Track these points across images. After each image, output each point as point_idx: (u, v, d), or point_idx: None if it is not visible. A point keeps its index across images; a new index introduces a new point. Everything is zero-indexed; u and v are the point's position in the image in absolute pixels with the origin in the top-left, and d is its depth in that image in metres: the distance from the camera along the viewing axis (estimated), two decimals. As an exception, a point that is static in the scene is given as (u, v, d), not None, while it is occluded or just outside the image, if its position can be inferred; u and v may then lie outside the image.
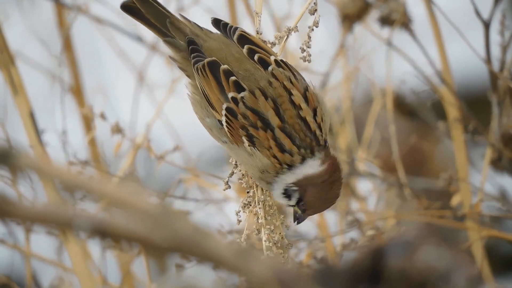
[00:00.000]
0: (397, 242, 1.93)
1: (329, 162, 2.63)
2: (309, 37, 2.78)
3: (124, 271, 3.72)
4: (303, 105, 2.64)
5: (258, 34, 2.79)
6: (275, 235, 2.69)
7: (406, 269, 1.92)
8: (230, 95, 2.65)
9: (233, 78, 2.66)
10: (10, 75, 3.31)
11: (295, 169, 2.63)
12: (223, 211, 3.68)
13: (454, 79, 3.61)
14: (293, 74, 2.67)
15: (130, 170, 3.62)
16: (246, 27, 2.79)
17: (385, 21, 3.61)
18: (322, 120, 2.64)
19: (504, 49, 3.44)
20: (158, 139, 3.80)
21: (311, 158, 2.62)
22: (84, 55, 4.22)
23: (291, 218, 2.71)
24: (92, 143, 3.93)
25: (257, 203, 2.72)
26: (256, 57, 2.68)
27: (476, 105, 3.87)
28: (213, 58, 2.69)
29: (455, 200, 3.55)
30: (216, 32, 2.75)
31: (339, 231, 3.60)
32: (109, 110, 3.49)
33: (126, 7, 2.76)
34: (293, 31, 2.80)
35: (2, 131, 3.35)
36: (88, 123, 4.01)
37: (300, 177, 2.63)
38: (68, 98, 4.05)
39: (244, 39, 2.72)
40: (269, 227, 2.69)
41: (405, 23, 3.60)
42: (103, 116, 3.44)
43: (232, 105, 2.64)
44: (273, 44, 2.79)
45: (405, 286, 1.91)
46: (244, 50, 2.70)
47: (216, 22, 2.76)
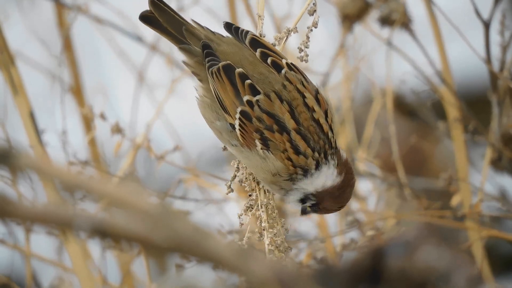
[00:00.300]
0: (397, 242, 1.93)
1: (345, 171, 2.69)
2: (307, 37, 2.79)
3: (124, 271, 3.72)
4: (316, 107, 2.67)
5: (261, 37, 2.80)
6: (278, 238, 2.69)
7: (406, 269, 1.92)
8: (246, 98, 2.67)
9: (248, 81, 2.68)
10: (10, 75, 3.31)
11: (312, 177, 2.67)
12: (223, 211, 3.68)
13: (454, 79, 3.61)
14: (304, 77, 2.71)
15: (130, 170, 3.62)
16: (246, 27, 2.79)
17: (385, 21, 3.61)
18: (332, 121, 2.69)
19: (504, 49, 3.44)
20: (158, 139, 3.80)
21: (326, 165, 2.67)
22: (84, 55, 4.22)
23: (291, 219, 2.72)
24: (92, 143, 3.93)
25: (260, 206, 2.72)
26: (269, 61, 2.71)
27: (476, 105, 3.86)
28: (228, 61, 2.71)
29: (455, 200, 3.55)
30: (227, 35, 2.77)
31: (339, 231, 3.60)
32: (109, 110, 3.49)
33: (145, 17, 2.77)
34: (292, 32, 2.80)
35: (2, 131, 3.35)
36: (88, 123, 4.01)
37: (319, 189, 2.68)
38: (68, 98, 4.04)
39: (256, 42, 2.74)
40: (272, 230, 2.69)
41: (405, 23, 3.60)
42: (103, 116, 3.44)
43: (247, 108, 2.66)
44: (273, 45, 2.79)
45: (405, 286, 1.91)
46: (257, 53, 2.72)
47: (228, 26, 2.79)
